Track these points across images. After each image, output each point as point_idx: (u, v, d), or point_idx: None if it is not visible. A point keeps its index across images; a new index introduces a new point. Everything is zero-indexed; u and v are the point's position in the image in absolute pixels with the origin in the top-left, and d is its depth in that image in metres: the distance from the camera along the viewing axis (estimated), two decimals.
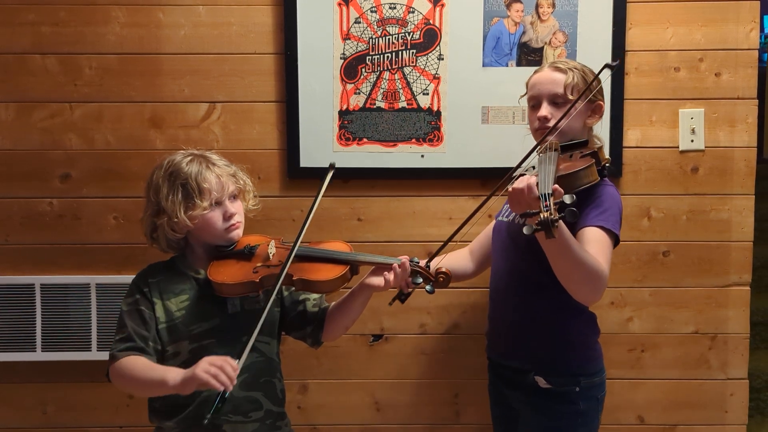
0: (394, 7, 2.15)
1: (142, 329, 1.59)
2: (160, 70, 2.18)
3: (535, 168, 1.60)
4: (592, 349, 1.78)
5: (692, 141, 2.19)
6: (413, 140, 2.19)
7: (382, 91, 2.18)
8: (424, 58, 2.16)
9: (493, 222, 1.96)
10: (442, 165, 2.19)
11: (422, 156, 2.20)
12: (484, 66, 2.16)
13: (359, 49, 2.16)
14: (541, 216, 1.31)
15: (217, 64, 2.18)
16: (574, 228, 1.63)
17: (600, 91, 1.77)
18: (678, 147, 2.19)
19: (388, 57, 2.17)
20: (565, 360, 1.74)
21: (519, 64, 2.14)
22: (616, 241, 1.67)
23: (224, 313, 1.63)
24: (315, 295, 1.72)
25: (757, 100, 2.18)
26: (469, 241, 2.02)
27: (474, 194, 2.20)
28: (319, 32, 2.15)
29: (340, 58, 2.17)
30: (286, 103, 2.18)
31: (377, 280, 1.61)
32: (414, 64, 2.17)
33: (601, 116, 1.78)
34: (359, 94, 2.18)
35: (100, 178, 2.21)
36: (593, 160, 1.60)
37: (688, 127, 2.18)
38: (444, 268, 1.65)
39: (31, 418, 2.29)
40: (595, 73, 1.76)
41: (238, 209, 1.66)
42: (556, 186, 1.40)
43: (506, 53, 2.16)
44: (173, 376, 1.47)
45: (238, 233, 1.66)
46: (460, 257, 1.99)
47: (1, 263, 2.23)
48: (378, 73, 2.17)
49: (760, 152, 2.32)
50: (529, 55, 2.14)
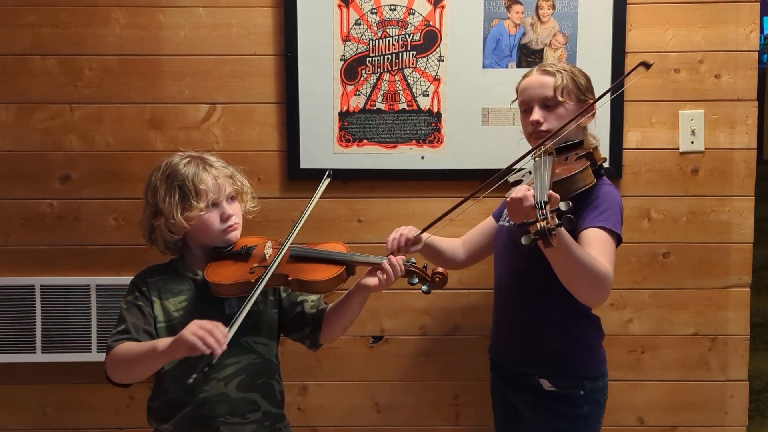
0: (395, 9, 2.15)
1: (141, 323, 1.59)
2: (161, 71, 2.18)
3: (531, 174, 1.60)
4: (596, 352, 1.78)
5: (692, 142, 2.19)
6: (413, 142, 2.19)
7: (382, 92, 2.18)
8: (425, 60, 2.16)
9: (490, 219, 1.96)
10: (442, 166, 2.19)
11: (422, 157, 2.20)
12: (484, 68, 2.16)
13: (359, 51, 2.16)
14: (538, 226, 1.31)
15: (218, 65, 2.18)
16: (575, 230, 1.62)
17: (591, 90, 1.76)
18: (678, 148, 2.19)
19: (388, 58, 2.17)
20: (570, 363, 1.73)
21: (519, 66, 2.14)
22: (618, 240, 1.66)
23: (222, 313, 1.62)
24: (313, 297, 1.72)
25: (757, 102, 2.18)
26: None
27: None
28: (319, 34, 2.15)
29: (341, 60, 2.17)
30: (286, 104, 2.18)
31: (372, 280, 1.61)
32: (414, 66, 2.17)
33: (594, 115, 1.77)
34: (359, 95, 2.18)
35: (101, 180, 2.22)
36: (588, 162, 1.59)
37: (688, 129, 2.18)
38: (441, 269, 1.64)
39: (31, 420, 2.29)
40: (586, 74, 1.77)
41: (235, 211, 1.66)
42: (552, 192, 1.39)
43: (506, 55, 2.16)
44: (163, 342, 1.48)
45: (235, 234, 1.66)
46: (453, 243, 1.99)
47: (1, 264, 2.23)
48: (378, 75, 2.17)
49: (760, 153, 2.31)
50: (530, 57, 2.14)
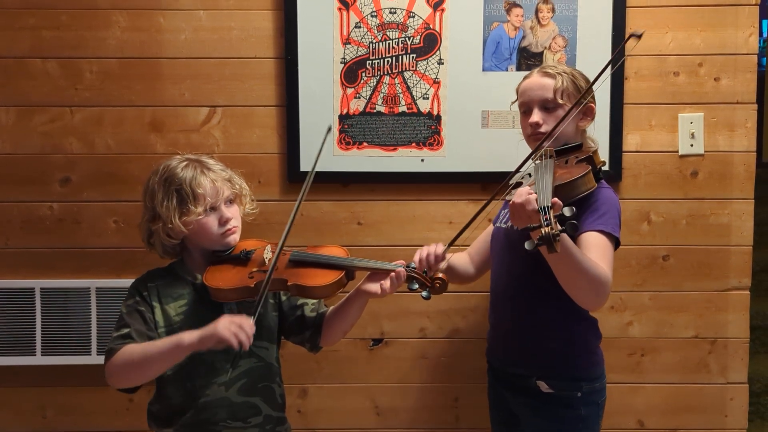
0: (395, 12, 2.15)
1: (144, 328, 1.58)
2: (161, 74, 2.19)
3: (531, 176, 1.60)
4: (594, 354, 1.78)
5: (692, 145, 2.19)
6: (413, 144, 2.20)
7: (382, 95, 2.18)
8: (424, 63, 2.17)
9: (490, 227, 1.96)
10: (442, 169, 2.19)
11: (422, 160, 2.20)
12: (484, 70, 2.16)
13: (359, 54, 2.17)
14: (543, 231, 1.30)
15: (218, 68, 2.18)
16: (574, 233, 1.62)
17: (591, 93, 1.77)
18: (677, 151, 2.19)
19: (388, 61, 2.17)
20: (568, 365, 1.73)
21: (519, 69, 2.14)
22: (616, 243, 1.67)
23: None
24: (313, 300, 1.72)
25: (756, 105, 2.19)
26: (467, 245, 2.02)
27: (474, 198, 2.20)
28: (319, 36, 2.15)
29: (341, 63, 2.17)
30: (286, 107, 2.18)
31: (373, 287, 1.60)
32: (414, 69, 2.17)
33: (593, 118, 1.77)
34: (359, 98, 2.18)
35: (101, 182, 2.22)
36: (590, 167, 1.59)
37: (688, 132, 2.18)
38: (440, 274, 1.63)
39: (31, 422, 2.28)
40: (586, 77, 1.77)
41: (234, 214, 1.65)
42: (555, 199, 1.39)
43: (506, 58, 2.16)
44: (188, 335, 1.48)
45: (234, 238, 1.66)
46: (463, 259, 1.99)
47: (1, 267, 2.23)
48: (378, 78, 2.17)
49: (760, 156, 2.32)
50: (529, 60, 2.14)
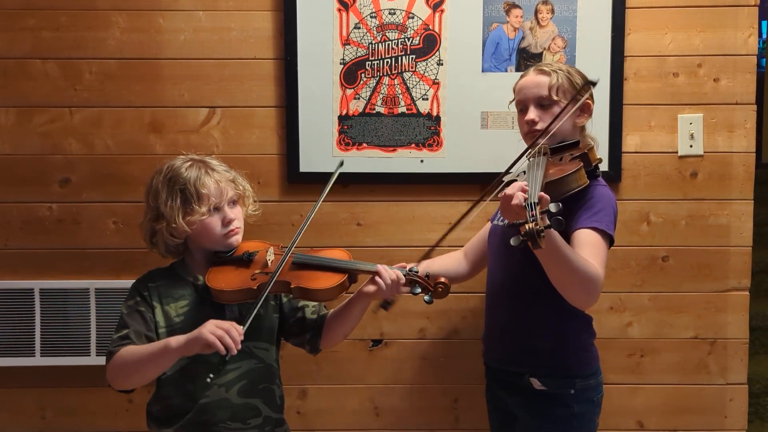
0: (394, 13, 2.16)
1: (143, 329, 1.58)
2: (160, 75, 2.19)
3: (525, 173, 1.60)
4: (587, 351, 1.78)
5: (691, 146, 2.19)
6: (413, 145, 2.20)
7: (381, 96, 2.18)
8: (424, 64, 2.17)
9: (488, 225, 1.96)
10: (442, 170, 2.19)
11: (422, 161, 2.20)
12: (483, 71, 2.17)
13: (359, 55, 2.17)
14: (527, 227, 1.31)
15: (217, 69, 2.18)
16: (568, 230, 1.62)
17: (588, 90, 1.75)
18: (677, 152, 2.19)
19: (387, 62, 2.17)
20: (560, 362, 1.73)
21: (518, 70, 2.14)
22: (610, 241, 1.66)
23: (222, 319, 1.61)
24: (314, 302, 1.72)
25: (756, 105, 2.19)
26: (462, 246, 2.03)
27: (473, 199, 2.18)
28: (318, 37, 2.15)
29: (340, 63, 2.17)
30: (285, 108, 2.18)
31: (372, 288, 1.60)
32: (413, 70, 2.17)
33: (591, 114, 1.77)
34: (359, 99, 2.18)
35: (100, 183, 2.21)
36: (581, 163, 1.59)
37: (687, 133, 2.18)
38: (443, 278, 1.62)
39: (30, 423, 2.28)
40: (583, 74, 1.76)
41: (237, 215, 1.66)
42: (543, 194, 1.39)
43: (505, 59, 2.16)
44: (176, 339, 1.48)
45: (237, 239, 1.66)
46: (455, 259, 1.99)
47: (0, 268, 2.23)
48: (378, 79, 2.17)
49: (759, 157, 2.32)
50: (529, 61, 2.14)
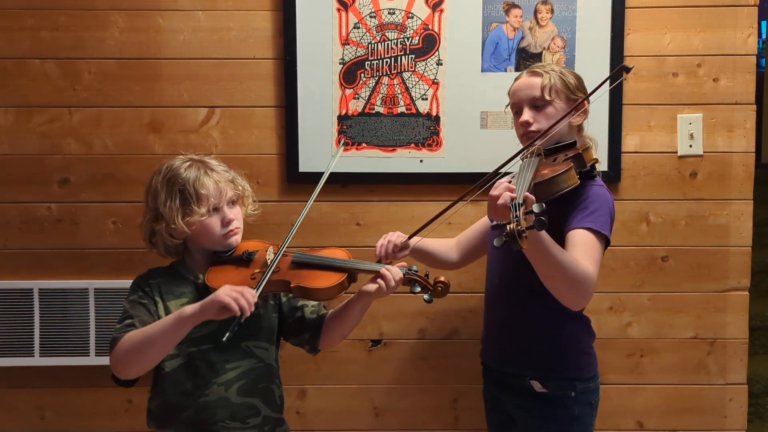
0: (393, 13, 2.15)
1: (147, 318, 1.57)
2: (160, 74, 2.18)
3: (517, 174, 1.60)
4: (587, 354, 1.78)
5: (691, 146, 2.19)
6: (412, 145, 2.20)
7: (381, 96, 2.18)
8: (423, 64, 2.17)
9: (485, 218, 1.95)
10: (441, 170, 2.19)
11: (421, 161, 2.20)
12: (482, 71, 2.16)
13: (358, 54, 2.16)
14: (508, 228, 1.31)
15: (217, 69, 2.18)
16: (563, 231, 1.62)
17: (582, 89, 1.76)
18: (676, 152, 2.19)
19: (387, 62, 2.17)
20: (561, 364, 1.73)
21: (518, 70, 2.14)
22: (606, 242, 1.65)
23: (222, 320, 1.61)
24: (313, 302, 1.72)
25: (755, 105, 2.19)
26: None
27: (473, 199, 2.19)
28: (318, 37, 2.15)
29: (339, 63, 2.17)
30: (285, 107, 2.18)
31: (373, 287, 1.60)
32: (413, 69, 2.17)
33: (586, 114, 1.76)
34: (358, 99, 2.18)
35: (99, 183, 2.21)
36: (571, 163, 1.59)
37: (687, 133, 2.18)
38: (442, 278, 1.62)
39: (29, 423, 2.28)
40: (576, 74, 1.77)
41: (236, 215, 1.66)
42: (528, 194, 1.40)
43: (505, 58, 2.16)
44: (190, 307, 1.48)
45: (236, 239, 1.66)
46: (447, 244, 1.99)
47: None
48: (377, 78, 2.17)
49: (759, 157, 2.32)
50: (528, 61, 2.14)
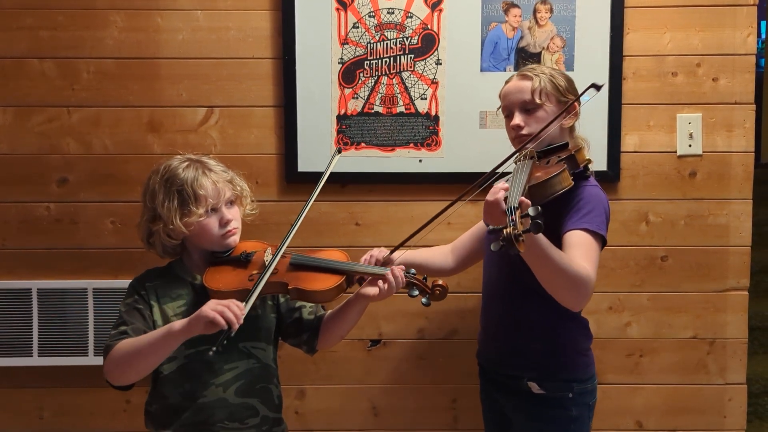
0: (392, 12, 2.15)
1: (141, 326, 1.57)
2: (159, 74, 2.18)
3: (510, 178, 1.59)
4: (585, 356, 1.78)
5: (690, 146, 2.19)
6: (411, 145, 2.19)
7: (380, 95, 2.18)
8: (422, 63, 2.16)
9: (481, 222, 1.95)
10: (440, 170, 2.19)
11: (420, 161, 2.20)
12: (482, 71, 2.16)
13: (357, 54, 2.16)
14: (505, 232, 1.31)
15: (216, 68, 2.18)
16: (559, 233, 1.62)
17: (573, 91, 1.75)
18: (676, 152, 2.19)
19: (386, 62, 2.17)
20: (559, 366, 1.73)
21: (517, 69, 2.13)
22: (602, 242, 1.65)
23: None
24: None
25: (755, 105, 2.19)
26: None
27: (472, 199, 2.18)
28: (317, 37, 2.15)
29: (338, 63, 2.17)
30: (284, 107, 2.18)
31: (372, 290, 1.59)
32: (412, 69, 2.17)
33: (577, 116, 1.76)
34: (357, 98, 2.18)
35: (98, 183, 2.21)
36: (565, 165, 1.59)
37: (686, 132, 2.18)
38: (441, 281, 1.62)
39: (28, 423, 2.28)
40: (567, 76, 1.76)
41: (234, 215, 1.65)
42: (523, 198, 1.40)
43: (504, 58, 2.16)
44: (179, 322, 1.48)
45: (234, 239, 1.65)
46: (440, 252, 1.99)
47: None
48: (376, 78, 2.17)
49: (758, 157, 2.32)
50: (527, 60, 2.14)
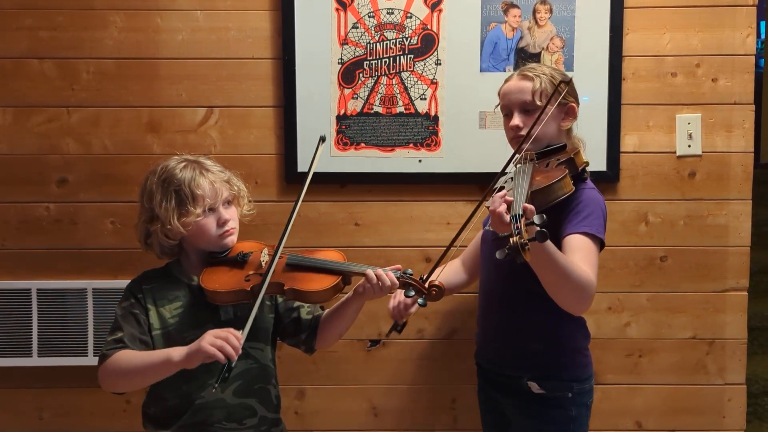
0: (392, 13, 2.15)
1: (137, 332, 1.58)
2: (158, 74, 2.18)
3: (513, 180, 1.59)
4: (584, 355, 1.78)
5: (689, 146, 2.19)
6: (411, 145, 2.19)
7: (379, 96, 2.18)
8: (422, 63, 2.16)
9: (482, 230, 1.95)
10: (440, 170, 2.19)
11: (420, 161, 2.20)
12: (481, 71, 2.16)
13: (357, 54, 2.16)
14: (511, 241, 1.31)
15: (215, 68, 2.18)
16: (558, 236, 1.62)
17: (572, 92, 1.75)
18: (675, 152, 2.19)
19: (385, 62, 2.17)
20: (559, 366, 1.73)
21: (516, 69, 2.13)
22: (601, 244, 1.66)
23: (217, 320, 1.61)
24: None
25: (754, 105, 2.19)
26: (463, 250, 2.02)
27: (472, 199, 2.20)
28: (316, 37, 2.15)
29: (338, 63, 2.17)
30: (283, 107, 2.18)
31: (369, 290, 1.58)
32: (412, 69, 2.17)
33: (575, 117, 1.76)
34: (357, 99, 2.18)
35: (97, 183, 2.21)
36: (567, 170, 1.59)
37: (686, 133, 2.18)
38: (437, 281, 1.61)
39: (28, 424, 2.28)
40: (567, 76, 1.76)
41: (232, 215, 1.65)
42: (527, 205, 1.39)
43: (503, 58, 2.16)
44: (177, 352, 1.47)
45: (232, 239, 1.65)
46: (454, 269, 1.98)
47: None
48: (376, 78, 2.17)
49: (757, 157, 2.32)
50: (527, 61, 2.14)
